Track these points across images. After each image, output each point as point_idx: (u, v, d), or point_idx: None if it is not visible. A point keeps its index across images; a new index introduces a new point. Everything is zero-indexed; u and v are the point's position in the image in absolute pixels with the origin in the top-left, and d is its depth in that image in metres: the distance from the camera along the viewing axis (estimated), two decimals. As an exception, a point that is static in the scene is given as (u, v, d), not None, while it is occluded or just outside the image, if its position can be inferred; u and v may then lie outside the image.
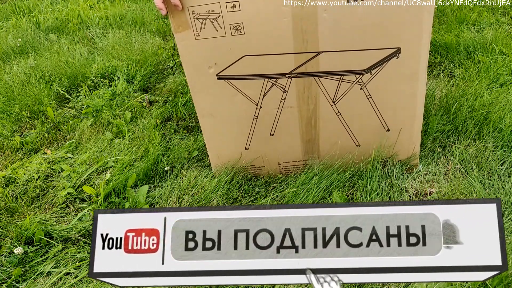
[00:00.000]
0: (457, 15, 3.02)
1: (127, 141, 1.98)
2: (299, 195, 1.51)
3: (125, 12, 3.95)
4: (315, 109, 1.51)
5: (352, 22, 1.30)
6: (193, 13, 1.30)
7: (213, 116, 1.54)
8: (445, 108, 1.93)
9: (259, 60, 1.39)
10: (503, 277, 1.15)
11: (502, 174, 1.58)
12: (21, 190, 1.71)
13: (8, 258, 1.38)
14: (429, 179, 1.61)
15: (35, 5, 4.34)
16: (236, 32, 1.33)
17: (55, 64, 2.81)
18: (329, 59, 1.38)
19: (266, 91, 1.47)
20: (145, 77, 2.66)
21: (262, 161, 1.66)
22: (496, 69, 2.23)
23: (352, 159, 1.62)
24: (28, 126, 2.26)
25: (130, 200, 1.61)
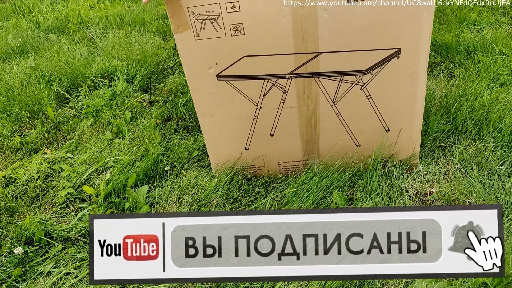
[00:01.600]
0: (457, 15, 3.02)
1: (127, 141, 1.98)
2: (299, 195, 1.51)
3: (125, 12, 3.95)
4: (315, 110, 1.51)
5: (352, 22, 1.30)
6: (193, 13, 1.30)
7: (213, 116, 1.54)
8: (445, 108, 1.93)
9: (259, 61, 1.39)
10: (503, 277, 1.15)
11: (502, 174, 1.58)
12: (21, 190, 1.71)
13: (8, 258, 1.38)
14: (429, 179, 1.61)
15: (35, 5, 4.34)
16: (236, 33, 1.33)
17: (55, 64, 2.81)
18: (329, 60, 1.38)
19: (266, 91, 1.47)
20: (145, 77, 2.66)
21: (262, 161, 1.66)
22: (496, 69, 2.23)
23: (352, 159, 1.62)
24: (28, 126, 2.26)
25: (130, 200, 1.61)
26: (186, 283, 1.26)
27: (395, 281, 1.22)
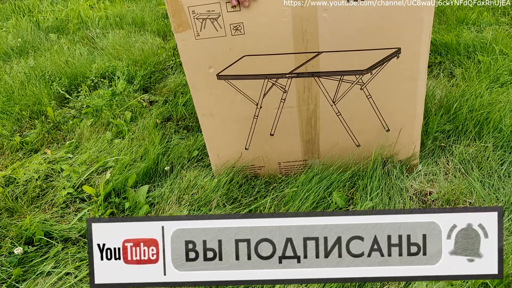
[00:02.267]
0: (457, 15, 3.02)
1: (127, 141, 1.98)
2: (299, 195, 1.51)
3: (125, 12, 3.95)
4: (315, 109, 1.51)
5: (352, 22, 1.30)
6: (193, 13, 1.30)
7: (213, 116, 1.54)
8: (445, 108, 1.93)
9: (259, 60, 1.39)
10: (503, 277, 1.15)
11: (502, 174, 1.58)
12: (21, 190, 1.71)
13: (8, 258, 1.38)
14: (429, 179, 1.61)
15: (35, 5, 4.34)
16: (236, 32, 1.33)
17: (55, 64, 2.81)
18: (329, 59, 1.38)
19: (266, 91, 1.47)
20: (145, 77, 2.66)
21: (262, 161, 1.66)
22: (496, 69, 2.23)
23: (352, 159, 1.62)
24: (28, 126, 2.26)
25: (130, 200, 1.61)
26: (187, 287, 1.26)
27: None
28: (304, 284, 1.23)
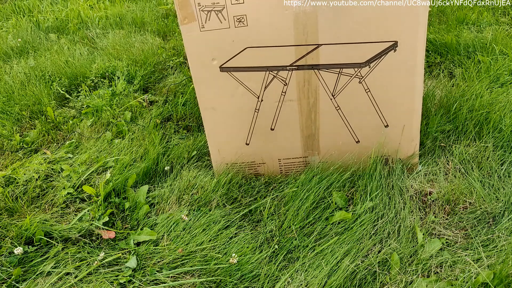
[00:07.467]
0: (457, 15, 3.03)
1: (127, 141, 1.98)
2: (299, 195, 1.51)
3: (125, 12, 3.95)
4: (315, 103, 1.52)
5: (350, 15, 1.34)
6: (199, 5, 1.35)
7: (215, 110, 1.55)
8: (445, 108, 1.93)
9: (261, 52, 1.42)
10: (503, 277, 1.15)
11: (502, 174, 1.58)
12: (21, 190, 1.71)
13: (8, 258, 1.38)
14: (429, 179, 1.61)
15: (35, 5, 4.35)
16: (239, 24, 1.36)
17: (55, 64, 2.82)
18: (329, 52, 1.41)
19: (267, 83, 1.49)
20: (145, 77, 2.66)
21: (263, 157, 1.67)
22: (496, 69, 2.23)
23: (352, 157, 1.62)
24: (28, 126, 2.26)
25: (130, 200, 1.61)
26: (187, 282, 1.26)
27: (395, 281, 1.22)
28: (304, 284, 1.23)
